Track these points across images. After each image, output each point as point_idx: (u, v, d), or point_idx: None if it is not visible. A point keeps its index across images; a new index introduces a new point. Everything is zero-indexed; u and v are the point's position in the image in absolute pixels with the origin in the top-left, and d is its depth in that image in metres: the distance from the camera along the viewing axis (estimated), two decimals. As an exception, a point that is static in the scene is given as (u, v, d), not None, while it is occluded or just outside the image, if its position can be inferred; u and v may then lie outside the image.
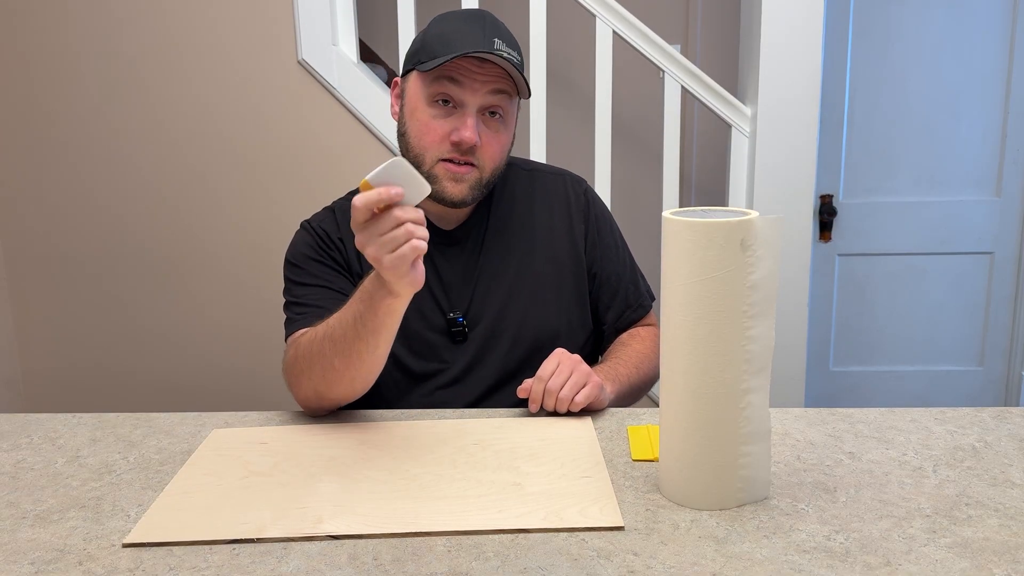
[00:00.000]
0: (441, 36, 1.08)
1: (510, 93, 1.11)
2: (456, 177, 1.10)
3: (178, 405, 2.22)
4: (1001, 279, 2.61)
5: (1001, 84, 2.48)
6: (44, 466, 0.92)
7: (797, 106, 2.06)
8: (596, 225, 1.25)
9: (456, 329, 1.16)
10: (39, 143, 2.16)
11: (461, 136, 1.07)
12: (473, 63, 1.06)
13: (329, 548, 0.73)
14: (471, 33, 1.07)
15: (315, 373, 1.00)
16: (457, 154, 1.09)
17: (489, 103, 1.09)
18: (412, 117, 1.11)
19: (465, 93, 1.07)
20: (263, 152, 2.13)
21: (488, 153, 1.11)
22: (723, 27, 2.61)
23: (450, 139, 1.08)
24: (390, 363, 1.17)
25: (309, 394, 1.03)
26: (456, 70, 1.07)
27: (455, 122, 1.08)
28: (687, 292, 0.75)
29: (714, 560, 0.70)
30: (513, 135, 1.17)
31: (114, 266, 2.21)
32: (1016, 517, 0.77)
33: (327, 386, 1.01)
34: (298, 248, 1.18)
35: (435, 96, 1.08)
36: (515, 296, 1.18)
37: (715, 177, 2.65)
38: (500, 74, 1.08)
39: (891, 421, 1.00)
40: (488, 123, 1.10)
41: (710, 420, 0.77)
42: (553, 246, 1.21)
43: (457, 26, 1.08)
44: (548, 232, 1.22)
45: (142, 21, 2.07)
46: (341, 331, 0.97)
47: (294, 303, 1.15)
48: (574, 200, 1.25)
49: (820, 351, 2.69)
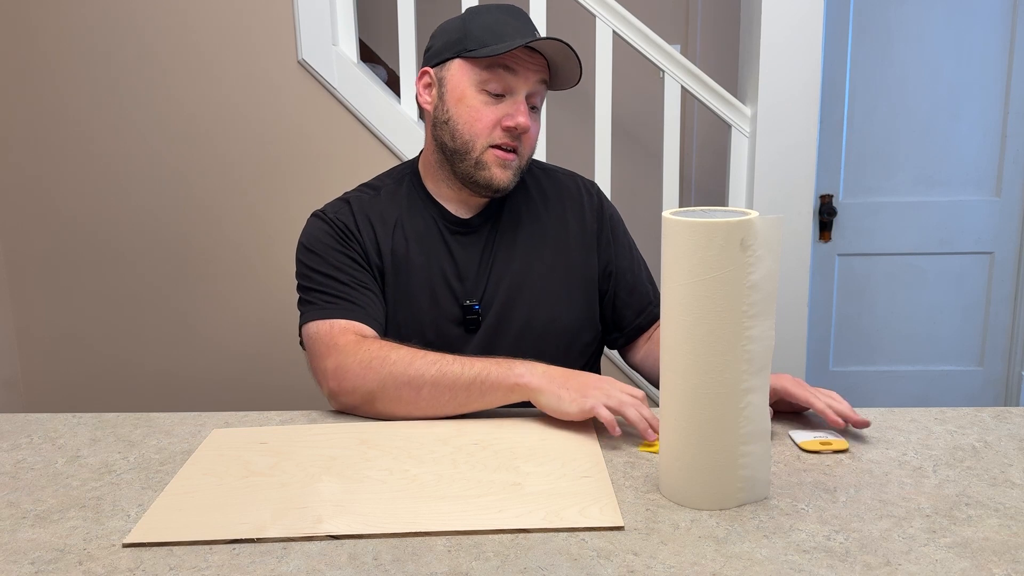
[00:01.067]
0: (488, 27, 1.12)
1: (548, 84, 1.16)
2: (505, 163, 1.13)
3: (178, 405, 2.22)
4: (1001, 279, 2.61)
5: (1001, 84, 2.48)
6: (44, 466, 0.92)
7: (797, 106, 2.06)
8: (611, 224, 1.27)
9: (471, 317, 1.17)
10: (39, 143, 2.16)
11: (517, 121, 1.11)
12: (525, 52, 1.10)
13: (329, 548, 0.73)
14: (519, 24, 1.12)
15: (389, 398, 1.02)
16: (508, 140, 1.12)
17: (534, 91, 1.13)
18: (460, 104, 1.12)
19: (519, 81, 1.11)
20: (263, 152, 2.13)
21: (528, 141, 1.15)
22: (723, 27, 2.61)
23: (502, 124, 1.11)
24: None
25: (355, 400, 1.04)
26: (511, 59, 1.10)
27: (507, 108, 1.12)
28: (687, 292, 0.75)
29: (714, 560, 0.70)
30: None
31: (114, 266, 2.21)
32: (1016, 517, 0.77)
33: (400, 411, 1.02)
34: (315, 236, 1.17)
35: (487, 83, 1.11)
36: (525, 288, 1.19)
37: (715, 177, 2.65)
38: (544, 64, 1.13)
39: (891, 421, 1.00)
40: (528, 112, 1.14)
41: (710, 420, 0.77)
42: (565, 242, 1.23)
43: (500, 17, 1.13)
44: (561, 228, 1.23)
45: (142, 21, 2.07)
46: (450, 383, 1.00)
47: (316, 290, 1.13)
48: (587, 199, 1.27)
49: (820, 351, 2.69)
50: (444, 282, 1.17)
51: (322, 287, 1.13)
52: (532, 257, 1.21)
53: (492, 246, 1.20)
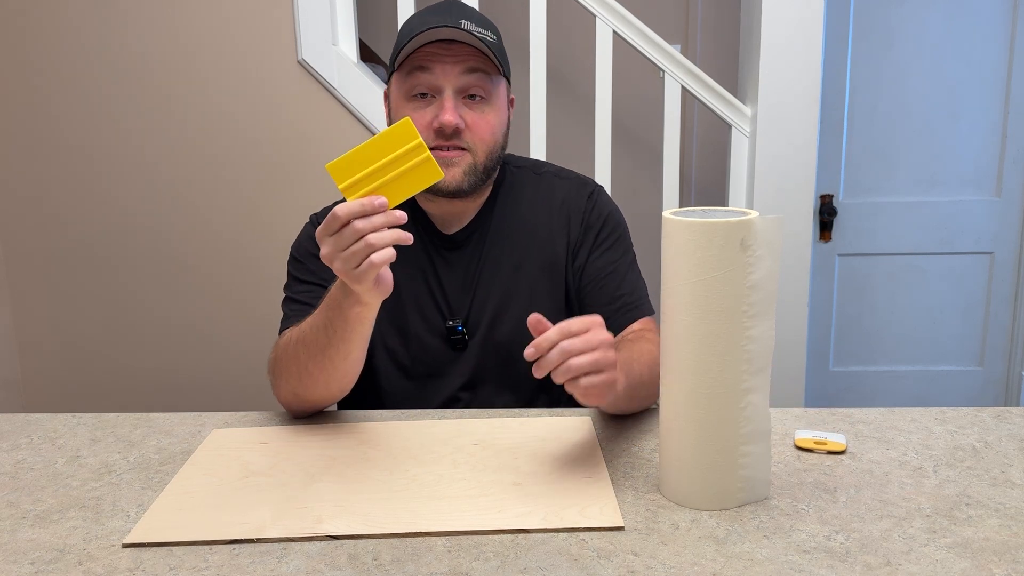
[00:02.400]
0: (409, 30, 1.07)
1: (488, 71, 1.07)
2: (447, 162, 1.06)
3: (178, 405, 2.22)
4: (1001, 279, 2.61)
5: (1001, 84, 2.48)
6: (44, 466, 0.92)
7: (797, 106, 2.06)
8: (596, 227, 1.17)
9: (456, 337, 1.14)
10: (39, 143, 2.16)
11: (441, 120, 1.04)
12: (441, 47, 1.04)
13: (329, 548, 0.73)
14: (434, 19, 1.05)
15: (292, 375, 1.00)
16: (442, 140, 1.06)
17: (466, 83, 1.06)
18: (397, 116, 1.08)
19: (437, 78, 1.05)
20: (263, 152, 2.13)
21: (478, 134, 1.08)
22: (723, 27, 2.61)
23: (432, 127, 1.06)
24: (393, 368, 1.16)
25: (288, 396, 1.03)
26: (424, 58, 1.05)
27: (435, 109, 1.06)
28: (687, 292, 0.75)
29: (714, 560, 0.70)
30: (507, 116, 1.14)
31: (114, 266, 2.21)
32: (1016, 517, 0.77)
33: (303, 389, 1.01)
34: (302, 243, 1.16)
35: (412, 90, 1.06)
36: (511, 306, 1.14)
37: (715, 177, 2.65)
38: (471, 53, 1.05)
39: (891, 421, 1.00)
40: (471, 105, 1.07)
41: (710, 420, 0.77)
42: (548, 252, 1.16)
43: (423, 17, 1.07)
44: (545, 237, 1.17)
45: (142, 21, 2.07)
46: (313, 336, 0.96)
47: (291, 299, 1.14)
48: (574, 204, 1.18)
49: (820, 351, 2.69)
50: (431, 299, 1.14)
51: (295, 295, 1.13)
52: (517, 271, 1.15)
53: (478, 263, 1.15)
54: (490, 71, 1.08)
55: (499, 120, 1.11)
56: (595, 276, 1.16)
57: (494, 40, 1.09)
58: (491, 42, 1.07)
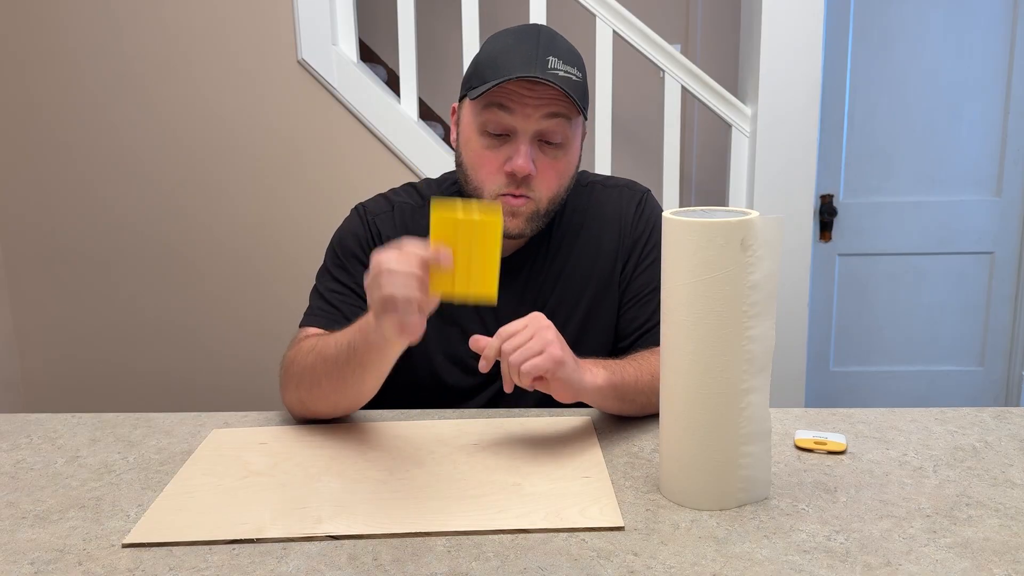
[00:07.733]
0: (491, 58, 1.01)
1: (568, 115, 1.02)
2: (512, 211, 1.02)
3: (178, 405, 2.22)
4: (1001, 279, 2.61)
5: (1001, 84, 2.48)
6: (44, 466, 0.92)
7: (797, 106, 2.06)
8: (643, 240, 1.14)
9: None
10: (39, 143, 2.16)
11: (514, 166, 1.00)
12: (524, 86, 0.98)
13: (329, 548, 0.73)
14: (522, 52, 0.99)
15: (303, 384, 0.99)
16: (512, 188, 1.02)
17: (544, 128, 1.01)
18: (467, 147, 1.05)
19: (516, 120, 1.00)
20: (263, 152, 2.13)
21: (544, 183, 1.03)
22: (723, 27, 2.61)
23: (504, 170, 1.01)
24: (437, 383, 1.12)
25: (294, 400, 1.02)
26: (506, 96, 0.99)
27: (509, 151, 1.01)
28: (687, 292, 0.75)
29: (714, 560, 0.70)
30: (578, 158, 1.08)
31: (114, 266, 2.21)
32: (1016, 517, 0.77)
33: (312, 400, 1.00)
34: (346, 239, 1.11)
35: (486, 125, 1.01)
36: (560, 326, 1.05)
37: (715, 177, 2.65)
38: (555, 95, 0.99)
39: (891, 421, 1.00)
40: (545, 150, 1.02)
41: (710, 420, 0.77)
42: (599, 268, 1.13)
43: (508, 45, 1.01)
44: (595, 253, 1.13)
45: (142, 21, 2.07)
46: (335, 351, 0.95)
47: (321, 296, 1.10)
48: (625, 216, 1.14)
49: (820, 351, 2.69)
50: (480, 325, 1.09)
51: (325, 293, 1.10)
52: (566, 292, 1.12)
53: (528, 284, 1.11)
54: (571, 115, 1.02)
55: (569, 165, 1.06)
56: (637, 293, 1.13)
57: (579, 79, 1.02)
58: (576, 82, 1.01)
